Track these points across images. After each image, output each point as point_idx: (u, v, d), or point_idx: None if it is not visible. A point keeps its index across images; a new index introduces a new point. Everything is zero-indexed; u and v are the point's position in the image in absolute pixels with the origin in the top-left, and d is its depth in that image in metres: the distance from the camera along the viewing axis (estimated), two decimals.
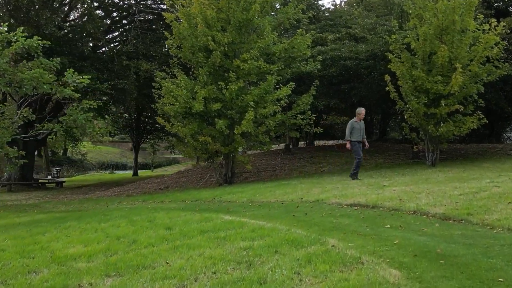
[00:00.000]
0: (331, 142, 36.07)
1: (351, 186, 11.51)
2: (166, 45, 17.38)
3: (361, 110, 13.87)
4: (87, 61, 22.70)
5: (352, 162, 19.99)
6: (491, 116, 21.94)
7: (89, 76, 12.63)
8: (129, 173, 50.21)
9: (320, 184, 12.87)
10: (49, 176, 34.14)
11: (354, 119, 13.78)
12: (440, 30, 15.49)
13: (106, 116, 33.00)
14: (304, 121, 17.28)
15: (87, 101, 12.46)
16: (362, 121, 13.87)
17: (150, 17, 25.49)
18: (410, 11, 16.01)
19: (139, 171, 50.99)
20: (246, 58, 16.09)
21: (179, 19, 17.34)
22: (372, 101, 24.00)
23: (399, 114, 19.72)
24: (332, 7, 43.23)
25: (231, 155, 17.27)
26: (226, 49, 16.38)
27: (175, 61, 17.32)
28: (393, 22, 16.28)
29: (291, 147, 27.70)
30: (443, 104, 15.16)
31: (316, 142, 37.36)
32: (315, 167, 19.44)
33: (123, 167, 64.10)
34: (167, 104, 16.60)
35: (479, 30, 15.98)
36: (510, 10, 24.26)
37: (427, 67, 15.79)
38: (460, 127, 15.56)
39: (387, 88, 16.40)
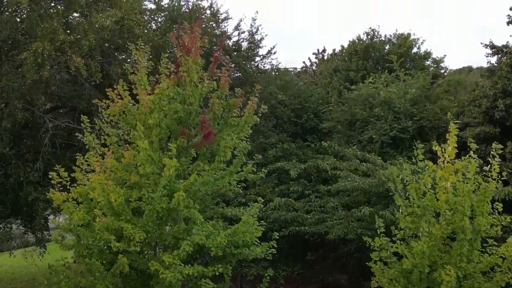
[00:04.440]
0: None
1: None
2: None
3: None
4: None
5: None
6: None
7: None
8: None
9: None
10: None
11: None
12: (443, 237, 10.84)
13: None
14: None
15: None
16: None
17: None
18: (401, 209, 11.22)
19: None
20: (169, 261, 11.14)
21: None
22: None
23: None
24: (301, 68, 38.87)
25: None
26: (138, 248, 11.39)
27: None
28: (378, 222, 11.41)
29: None
30: None
31: None
32: None
33: None
34: None
35: (495, 224, 11.39)
36: None
37: (426, 284, 11.06)
38: None
39: None
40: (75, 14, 18.20)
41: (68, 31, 16.53)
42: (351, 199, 15.24)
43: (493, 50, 20.77)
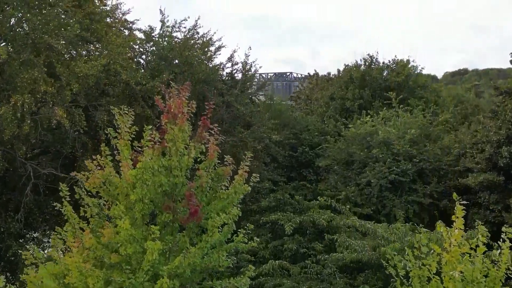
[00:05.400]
0: None
1: None
2: None
3: None
4: None
5: None
6: None
7: None
8: None
9: None
10: None
11: None
12: None
13: None
14: None
15: None
16: None
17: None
18: None
19: None
20: None
21: None
22: None
23: None
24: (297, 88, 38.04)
25: None
26: None
27: None
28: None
29: None
30: None
31: None
32: None
33: None
34: None
35: None
36: None
37: None
38: None
39: None
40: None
41: (50, 79, 15.63)
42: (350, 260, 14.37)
43: (496, 90, 20.07)
